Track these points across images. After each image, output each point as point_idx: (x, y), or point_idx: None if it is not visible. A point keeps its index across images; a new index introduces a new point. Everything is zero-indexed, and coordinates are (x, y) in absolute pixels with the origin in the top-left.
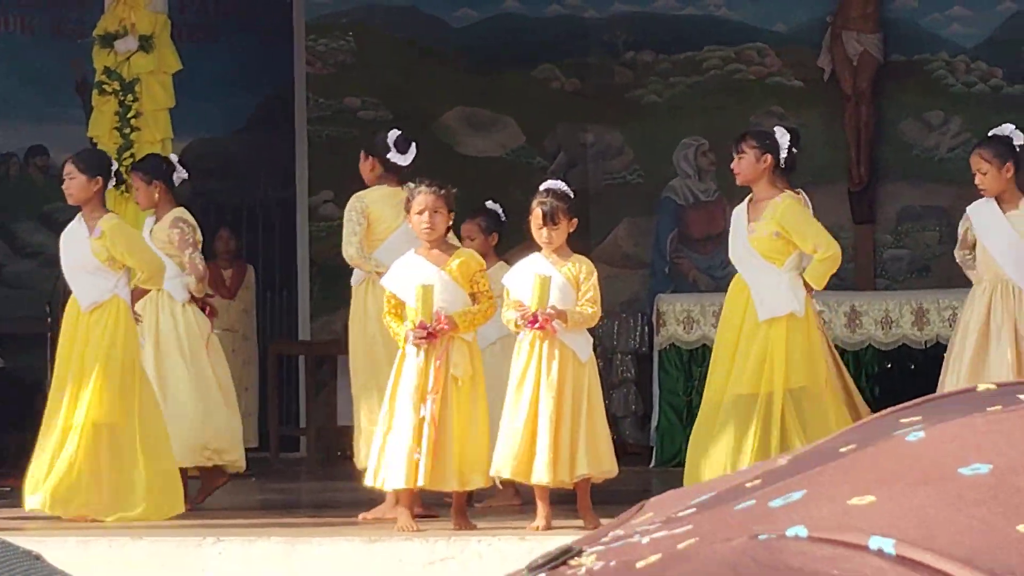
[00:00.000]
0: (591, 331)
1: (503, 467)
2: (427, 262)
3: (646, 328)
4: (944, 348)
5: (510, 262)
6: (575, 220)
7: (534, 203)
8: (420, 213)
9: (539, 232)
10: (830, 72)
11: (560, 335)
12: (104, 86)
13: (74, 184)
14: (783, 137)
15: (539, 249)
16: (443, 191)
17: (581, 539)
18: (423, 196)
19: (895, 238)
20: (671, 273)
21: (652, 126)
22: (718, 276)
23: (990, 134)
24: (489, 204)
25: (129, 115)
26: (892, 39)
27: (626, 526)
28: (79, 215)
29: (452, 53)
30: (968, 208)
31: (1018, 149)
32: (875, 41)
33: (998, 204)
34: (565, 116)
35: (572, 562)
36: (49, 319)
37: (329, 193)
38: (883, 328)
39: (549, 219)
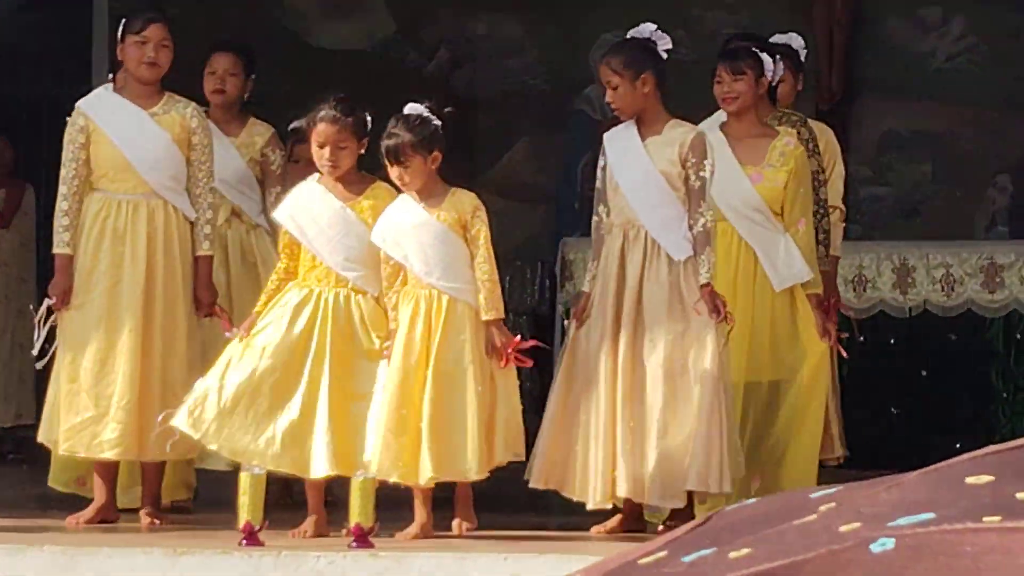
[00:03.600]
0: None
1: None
2: (331, 195)
3: (547, 281)
4: (933, 316)
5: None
6: (437, 153)
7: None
8: (321, 147)
9: (392, 171)
10: None
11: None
12: None
13: None
14: (769, 60)
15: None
16: (350, 118)
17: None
18: (323, 127)
19: (875, 172)
20: (582, 210)
21: (563, 15)
22: None
23: (629, 35)
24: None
25: None
26: None
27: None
28: None
29: None
30: (605, 135)
31: (662, 55)
32: None
33: (638, 128)
34: None
35: None
36: None
37: None
38: (855, 289)
39: (392, 156)
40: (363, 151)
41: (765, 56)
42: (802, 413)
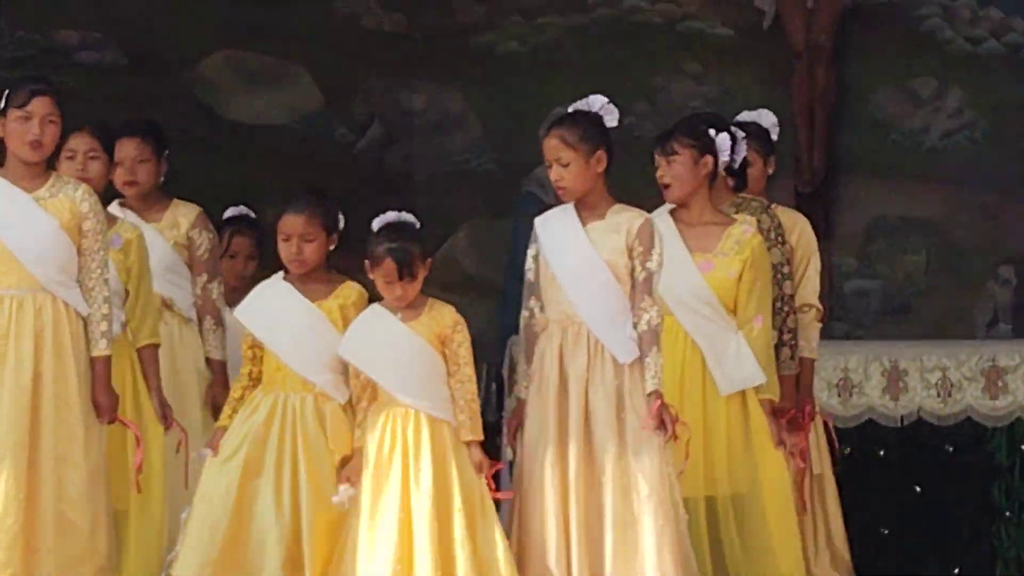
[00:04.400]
0: None
1: None
2: (297, 294)
3: (493, 385)
4: (928, 426)
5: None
6: (429, 261)
7: (377, 248)
8: (286, 240)
9: (389, 288)
10: (773, 17)
11: None
12: None
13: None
14: (726, 138)
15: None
16: (319, 210)
17: None
18: (290, 219)
19: (862, 263)
20: None
21: (510, 87)
22: None
23: (573, 107)
24: (244, 209)
25: None
26: None
27: None
28: None
29: None
30: (536, 219)
31: (606, 127)
32: None
33: (577, 211)
34: (383, 68)
35: None
36: None
37: None
38: (841, 395)
39: (406, 270)
40: (333, 247)
41: (722, 136)
42: (774, 534)
